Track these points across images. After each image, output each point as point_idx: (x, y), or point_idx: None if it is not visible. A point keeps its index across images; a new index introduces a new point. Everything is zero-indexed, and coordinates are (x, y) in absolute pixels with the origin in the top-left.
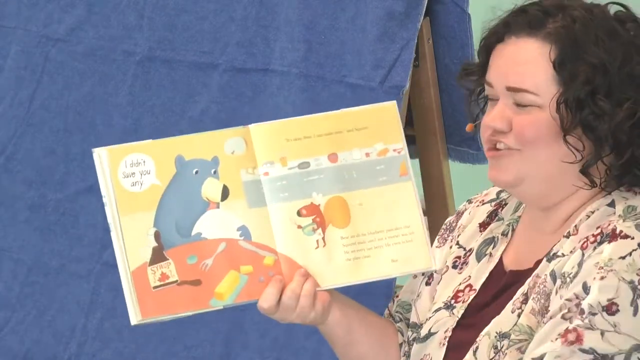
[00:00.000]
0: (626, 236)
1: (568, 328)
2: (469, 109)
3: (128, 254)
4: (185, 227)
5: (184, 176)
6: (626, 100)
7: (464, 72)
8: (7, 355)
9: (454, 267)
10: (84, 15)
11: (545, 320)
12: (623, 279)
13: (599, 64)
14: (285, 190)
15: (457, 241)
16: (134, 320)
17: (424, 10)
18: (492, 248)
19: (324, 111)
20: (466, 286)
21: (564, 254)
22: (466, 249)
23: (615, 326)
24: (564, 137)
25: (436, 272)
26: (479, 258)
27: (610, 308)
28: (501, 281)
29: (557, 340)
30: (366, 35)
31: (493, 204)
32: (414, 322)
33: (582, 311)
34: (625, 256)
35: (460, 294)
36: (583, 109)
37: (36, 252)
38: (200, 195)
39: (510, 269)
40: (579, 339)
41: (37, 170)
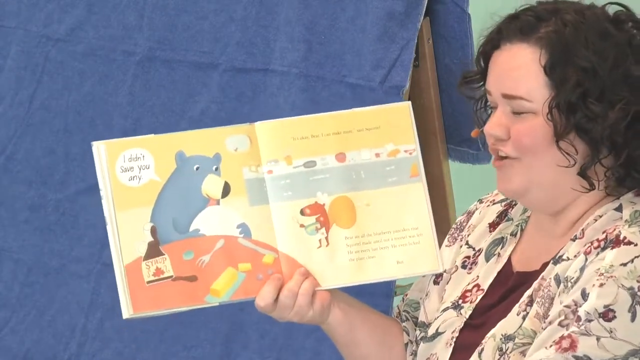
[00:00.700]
0: (629, 242)
1: (563, 335)
2: (476, 115)
3: (122, 248)
4: (183, 222)
5: (184, 172)
6: (619, 102)
7: (464, 80)
8: (7, 355)
9: (463, 267)
10: (84, 15)
11: (545, 325)
12: (623, 285)
13: (589, 67)
14: (288, 189)
15: (467, 241)
16: (125, 314)
17: (424, 10)
18: (501, 248)
19: (323, 111)
20: (474, 286)
21: (569, 258)
22: (475, 249)
23: (612, 332)
24: (556, 142)
25: (445, 271)
26: (487, 258)
27: (607, 314)
28: (509, 282)
29: (551, 347)
30: (366, 35)
31: (503, 204)
32: (422, 321)
33: (578, 318)
34: (627, 263)
35: (468, 294)
36: (575, 113)
37: (36, 252)
38: (200, 192)
39: (518, 270)
40: (573, 346)
41: (37, 170)
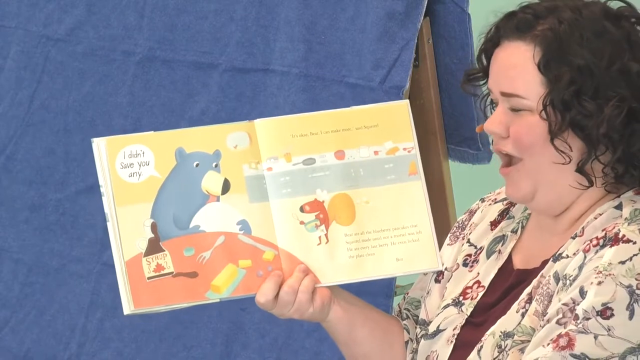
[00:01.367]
0: (628, 240)
1: (561, 333)
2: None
3: (123, 245)
4: (183, 219)
5: (184, 168)
6: (613, 98)
7: (467, 77)
8: (7, 355)
9: (465, 265)
10: (84, 15)
11: (543, 323)
12: (621, 283)
13: (583, 65)
14: (288, 186)
15: (468, 239)
16: (126, 310)
17: (424, 10)
18: (502, 245)
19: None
20: (475, 282)
21: (568, 255)
22: (477, 247)
23: (610, 330)
24: (550, 140)
25: (446, 269)
26: (488, 255)
27: (605, 312)
28: (509, 279)
29: (549, 345)
30: (366, 35)
31: (505, 202)
32: (423, 319)
33: (576, 316)
34: (625, 261)
35: (469, 291)
36: (570, 110)
37: (36, 252)
38: (200, 188)
39: (518, 267)
40: (570, 344)
41: (37, 170)
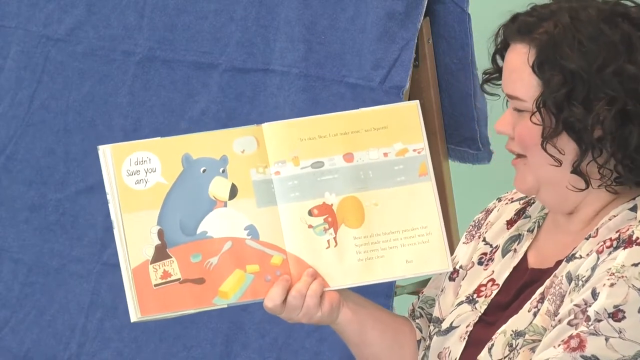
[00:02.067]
0: None
1: (572, 334)
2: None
3: (129, 252)
4: (190, 225)
5: (191, 174)
6: (604, 101)
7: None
8: (7, 355)
9: (480, 263)
10: (84, 15)
11: (554, 324)
12: (633, 285)
13: (574, 69)
14: (296, 190)
15: (484, 238)
16: (133, 318)
17: (424, 10)
18: (517, 244)
19: (323, 111)
20: (489, 280)
21: (581, 256)
22: (492, 246)
23: (621, 332)
24: (541, 144)
25: (462, 267)
26: (504, 254)
27: (617, 315)
28: (523, 278)
29: (559, 346)
30: (366, 35)
31: (521, 202)
32: (436, 316)
33: (588, 318)
34: (638, 263)
35: (483, 289)
36: (562, 112)
37: (36, 252)
38: (207, 194)
39: (532, 267)
40: (581, 346)
41: (37, 170)
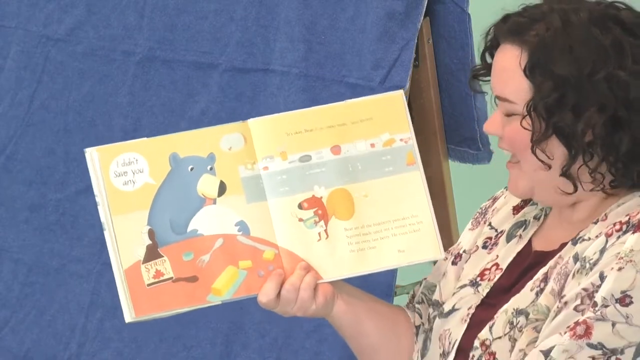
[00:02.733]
0: None
1: (578, 321)
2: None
3: (121, 253)
4: (180, 224)
5: (179, 173)
6: (595, 106)
7: (472, 75)
8: (7, 355)
9: (484, 247)
10: (84, 15)
11: (560, 305)
12: None
13: (565, 75)
14: (285, 185)
15: (490, 222)
16: (128, 318)
17: (424, 10)
18: (523, 230)
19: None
20: (493, 265)
21: (590, 238)
22: (498, 231)
23: (628, 317)
24: (531, 148)
25: (465, 252)
26: (508, 239)
27: (624, 300)
28: (526, 262)
29: (566, 334)
30: (366, 35)
31: None
32: (437, 299)
33: (594, 304)
34: None
35: (487, 272)
36: (552, 117)
37: (36, 252)
38: (196, 192)
39: (536, 249)
40: (587, 333)
41: (37, 170)
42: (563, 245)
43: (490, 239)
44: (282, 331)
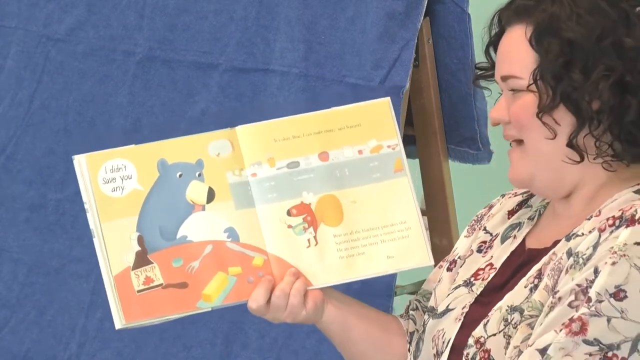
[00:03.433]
0: None
1: (573, 317)
2: None
3: (110, 260)
4: (169, 230)
5: (167, 180)
6: (603, 71)
7: (476, 72)
8: (7, 355)
9: (479, 251)
10: (84, 15)
11: (554, 301)
12: (635, 265)
13: (572, 37)
14: (273, 191)
15: (484, 227)
16: (118, 325)
17: (424, 10)
18: (517, 231)
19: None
20: (487, 265)
21: (583, 234)
22: (492, 234)
23: (623, 312)
24: (537, 114)
25: (459, 257)
26: (503, 241)
27: (618, 294)
28: (519, 259)
29: (561, 331)
30: (366, 35)
31: (524, 194)
32: (431, 306)
33: (589, 299)
34: None
35: (481, 272)
36: (560, 82)
37: (36, 252)
38: (185, 198)
39: (530, 247)
40: (583, 329)
41: (37, 170)
42: (556, 243)
43: (484, 242)
44: (282, 331)
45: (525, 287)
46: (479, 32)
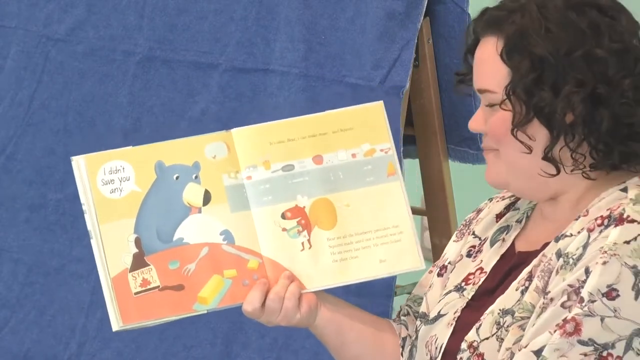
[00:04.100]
0: (633, 220)
1: (567, 318)
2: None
3: (108, 261)
4: (166, 232)
5: (164, 182)
6: (572, 85)
7: (457, 79)
8: (7, 355)
9: (468, 255)
10: (84, 15)
11: (545, 302)
12: (626, 263)
13: (542, 54)
14: (269, 194)
15: (473, 231)
16: (115, 327)
17: (424, 10)
18: (506, 234)
19: (323, 111)
20: (477, 269)
21: (572, 234)
22: (481, 239)
23: (616, 311)
24: (511, 131)
25: (450, 263)
26: (492, 244)
27: (611, 294)
28: (510, 263)
29: (555, 332)
30: (366, 35)
31: (512, 197)
32: (423, 312)
33: (581, 299)
34: (630, 241)
35: (471, 277)
36: (532, 98)
37: (36, 252)
38: (182, 201)
39: (519, 250)
40: (577, 330)
41: (37, 170)
42: (546, 245)
43: (474, 247)
44: (282, 331)
45: (516, 290)
46: None
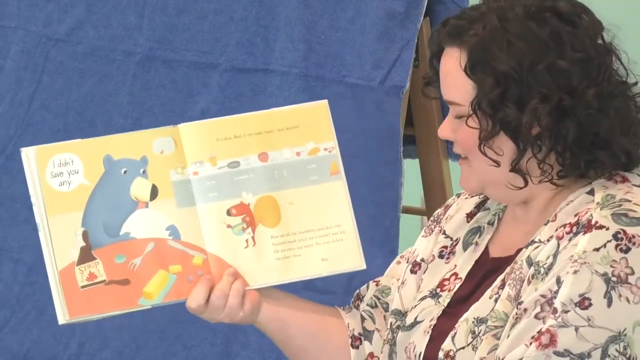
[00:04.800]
0: (601, 227)
1: (541, 330)
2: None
3: (56, 254)
4: (113, 226)
5: (112, 176)
6: (537, 98)
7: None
8: (7, 355)
9: (441, 256)
10: (84, 15)
11: (519, 312)
12: (596, 271)
13: (505, 70)
14: (214, 190)
15: (444, 231)
16: (61, 320)
17: (424, 10)
18: (478, 237)
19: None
20: (452, 275)
21: (541, 240)
22: (453, 239)
23: (589, 320)
24: (478, 146)
25: (423, 261)
26: (465, 247)
27: (583, 303)
28: (484, 269)
29: (531, 344)
30: (366, 35)
31: (481, 195)
32: (398, 309)
33: (555, 310)
34: (599, 248)
35: (446, 283)
36: (497, 113)
37: (36, 252)
38: (129, 195)
39: (493, 256)
40: (553, 341)
41: None
42: (519, 251)
43: (445, 247)
44: None
45: (490, 299)
46: None
